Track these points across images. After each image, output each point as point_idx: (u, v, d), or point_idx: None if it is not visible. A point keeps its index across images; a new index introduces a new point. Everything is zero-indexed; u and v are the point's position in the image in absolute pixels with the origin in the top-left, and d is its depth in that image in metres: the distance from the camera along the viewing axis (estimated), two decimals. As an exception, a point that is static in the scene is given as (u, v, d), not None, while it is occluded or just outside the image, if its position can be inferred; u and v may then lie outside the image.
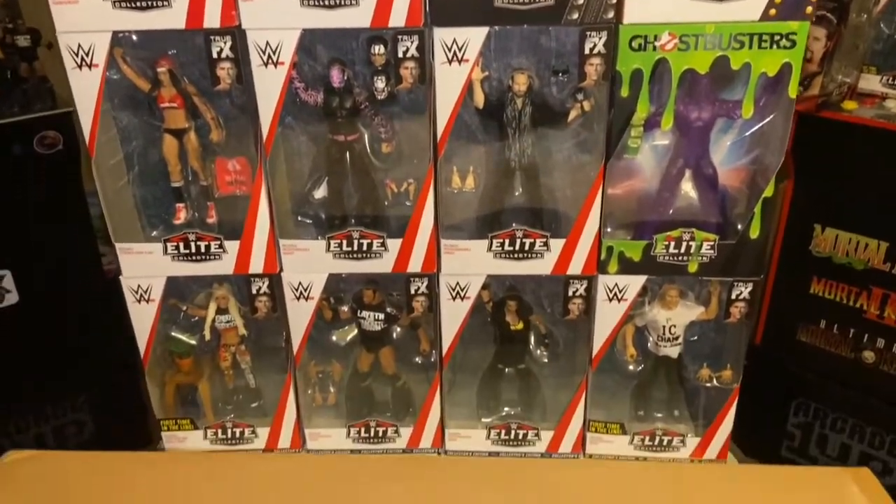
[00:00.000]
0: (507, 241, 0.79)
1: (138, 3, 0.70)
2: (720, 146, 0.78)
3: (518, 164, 0.79)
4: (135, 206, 0.84)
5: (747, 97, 0.73)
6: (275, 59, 0.72)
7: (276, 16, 0.70)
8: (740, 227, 0.77)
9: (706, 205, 0.80)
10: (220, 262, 0.81)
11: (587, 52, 0.71)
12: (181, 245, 0.80)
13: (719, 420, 0.85)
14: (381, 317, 0.86)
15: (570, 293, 0.82)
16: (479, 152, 0.80)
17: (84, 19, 0.71)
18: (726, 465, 0.79)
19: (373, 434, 0.89)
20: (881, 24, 0.96)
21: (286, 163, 0.82)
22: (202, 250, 0.81)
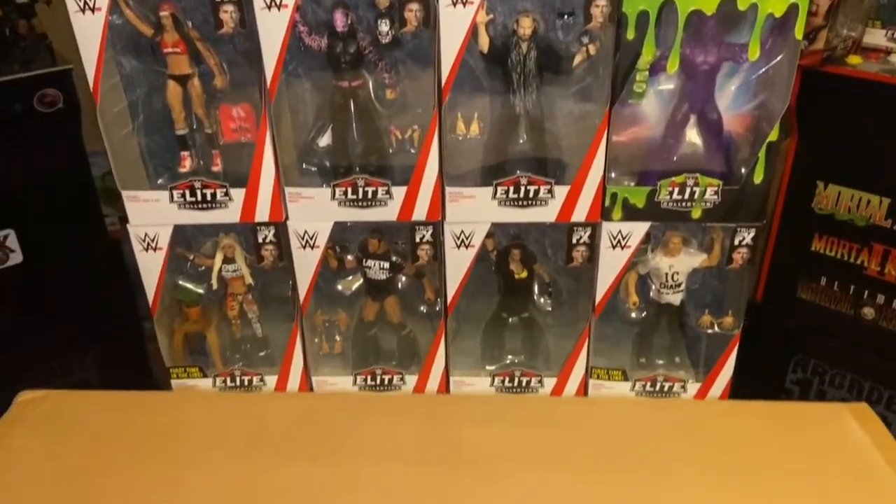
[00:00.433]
0: (512, 189, 0.79)
1: (139, -56, 0.69)
2: (725, 91, 0.78)
3: (523, 110, 0.79)
4: (140, 155, 0.84)
5: (753, 39, 0.72)
6: (278, 1, 0.71)
7: (279, -44, 0.69)
8: (744, 171, 0.77)
9: (710, 151, 0.80)
10: (226, 210, 0.82)
11: (593, -8, 0.70)
12: (187, 193, 0.81)
13: (720, 366, 0.86)
14: (387, 266, 0.86)
15: (574, 241, 0.82)
16: (484, 99, 0.80)
17: (84, -38, 0.70)
18: (727, 402, 0.80)
19: (379, 381, 0.90)
20: (887, -22, 0.96)
21: (290, 111, 0.82)
22: (208, 198, 0.81)
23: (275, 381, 0.91)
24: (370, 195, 0.80)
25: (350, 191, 0.80)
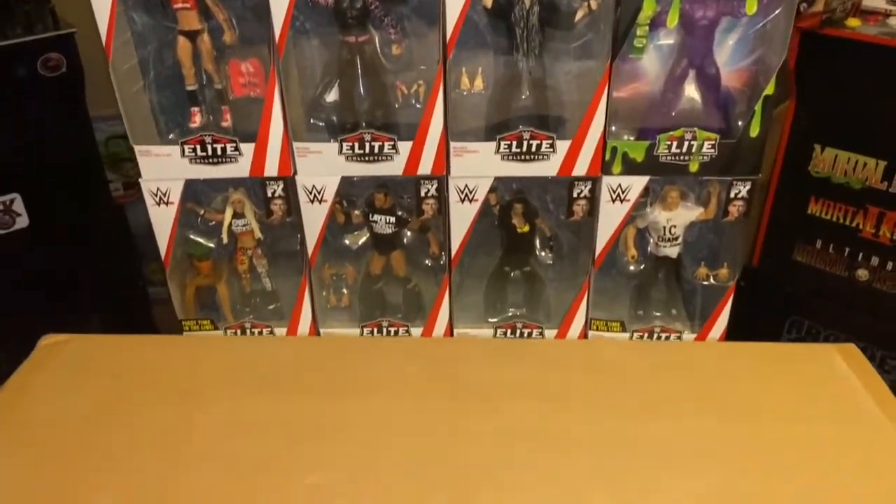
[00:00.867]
0: (515, 143, 0.81)
1: None
2: (724, 46, 0.80)
3: (525, 65, 0.80)
4: (151, 111, 0.85)
5: (752, -8, 0.74)
6: (286, -44, 0.73)
7: None
8: (741, 124, 0.79)
9: (709, 106, 0.81)
10: (235, 164, 0.84)
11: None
12: (198, 147, 0.83)
13: (715, 317, 0.89)
14: (393, 220, 0.89)
15: (575, 194, 0.85)
16: (488, 54, 0.81)
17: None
18: (722, 343, 0.84)
19: (385, 334, 0.93)
20: (888, -63, 0.96)
21: (298, 67, 0.84)
22: (218, 153, 0.83)
23: (284, 333, 0.93)
24: (377, 150, 0.82)
25: (357, 145, 0.82)
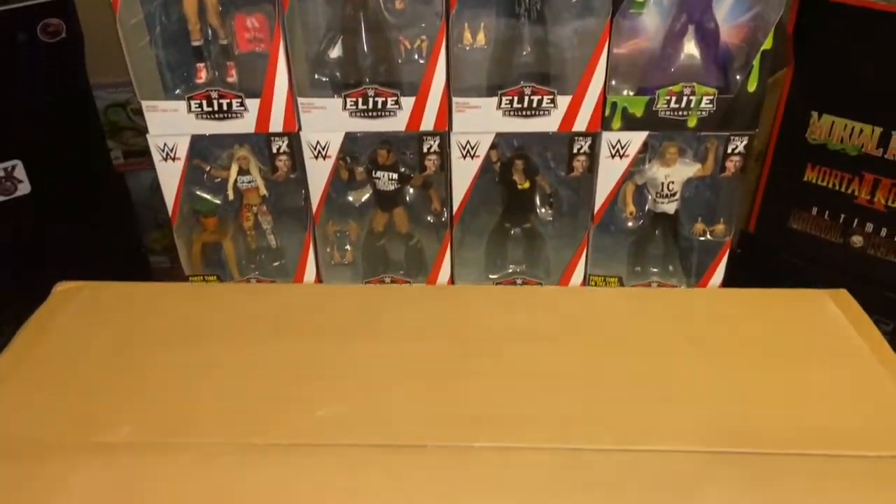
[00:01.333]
0: (516, 99, 0.82)
1: None
2: (723, 2, 0.80)
3: (527, 22, 0.81)
4: (157, 67, 0.87)
5: (751, -54, 0.75)
6: None
7: None
8: (739, 78, 0.80)
9: (707, 61, 0.83)
10: (241, 120, 0.85)
11: None
12: (204, 103, 0.84)
13: (711, 271, 0.91)
14: (395, 177, 0.90)
15: (575, 150, 0.86)
16: (490, 10, 0.82)
17: None
18: (710, 290, 0.86)
19: (388, 289, 0.95)
20: None
21: (302, 24, 0.85)
22: (224, 108, 0.84)
23: (289, 288, 0.96)
24: (380, 105, 0.84)
25: (361, 101, 0.83)
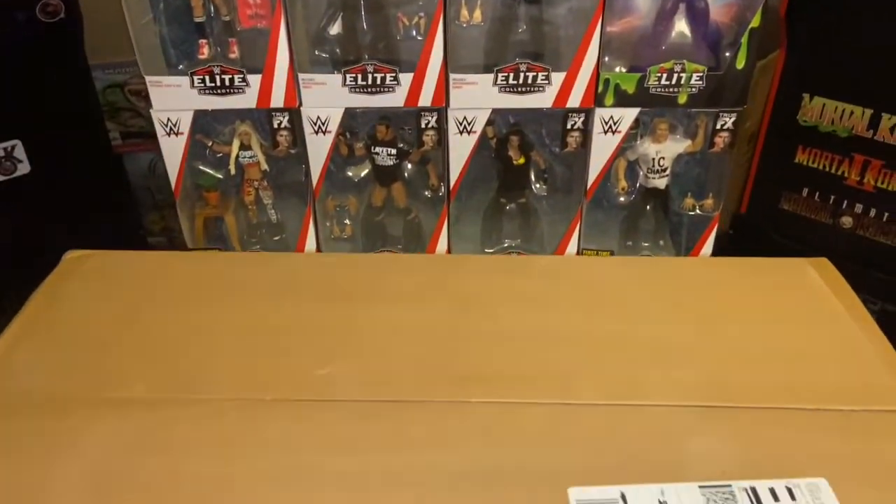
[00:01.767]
0: (512, 75, 0.85)
1: None
2: (713, -19, 0.83)
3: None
4: (160, 43, 0.88)
5: (740, -74, 0.77)
6: None
7: None
8: (728, 56, 0.83)
9: (697, 39, 0.85)
10: (243, 95, 0.87)
11: None
12: (207, 78, 0.86)
13: (700, 245, 0.94)
14: (394, 152, 0.92)
15: (569, 126, 0.89)
16: (487, -13, 0.84)
17: None
18: (697, 258, 0.89)
19: (386, 263, 0.97)
20: None
21: (302, 2, 0.86)
22: (226, 83, 0.86)
23: (289, 263, 0.98)
24: (379, 81, 0.86)
25: (360, 77, 0.85)
